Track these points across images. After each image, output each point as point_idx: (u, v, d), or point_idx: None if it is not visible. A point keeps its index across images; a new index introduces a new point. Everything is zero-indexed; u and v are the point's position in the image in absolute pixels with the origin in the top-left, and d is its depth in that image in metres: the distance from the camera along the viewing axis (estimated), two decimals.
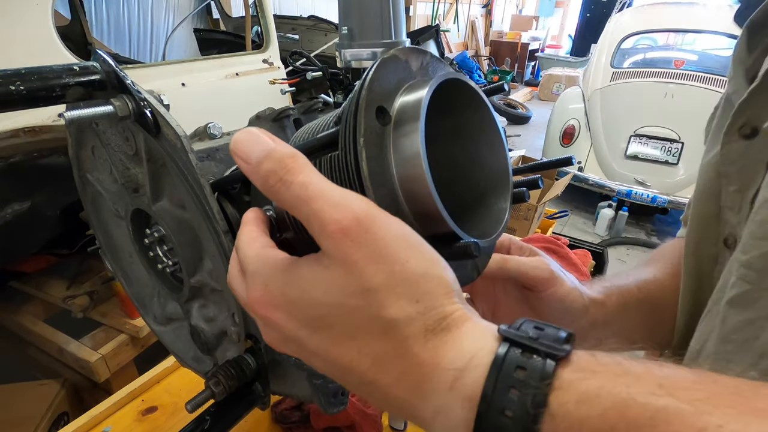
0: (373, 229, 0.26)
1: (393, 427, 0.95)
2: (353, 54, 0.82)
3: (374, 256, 0.26)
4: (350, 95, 0.35)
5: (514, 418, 0.22)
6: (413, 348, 0.26)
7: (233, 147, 0.29)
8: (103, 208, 0.65)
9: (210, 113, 1.70)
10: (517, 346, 0.24)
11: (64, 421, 1.63)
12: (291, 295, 0.28)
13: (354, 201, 0.27)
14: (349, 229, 0.26)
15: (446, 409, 0.25)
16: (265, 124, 0.57)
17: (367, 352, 0.27)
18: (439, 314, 0.26)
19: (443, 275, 0.28)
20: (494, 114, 0.42)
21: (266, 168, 0.28)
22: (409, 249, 0.27)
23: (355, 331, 0.27)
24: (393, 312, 0.26)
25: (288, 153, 0.28)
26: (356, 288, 0.26)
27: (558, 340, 0.24)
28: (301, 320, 0.28)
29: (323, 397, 0.49)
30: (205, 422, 0.53)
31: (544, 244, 1.62)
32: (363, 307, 0.26)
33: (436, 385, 0.25)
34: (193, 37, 4.47)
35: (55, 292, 1.87)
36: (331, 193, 0.27)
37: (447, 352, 0.25)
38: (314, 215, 0.26)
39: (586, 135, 4.37)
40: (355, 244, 0.26)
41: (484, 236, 0.40)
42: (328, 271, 0.27)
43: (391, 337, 0.26)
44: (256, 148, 0.28)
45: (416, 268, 0.26)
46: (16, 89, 0.38)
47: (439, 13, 8.64)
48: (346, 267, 0.26)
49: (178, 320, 0.66)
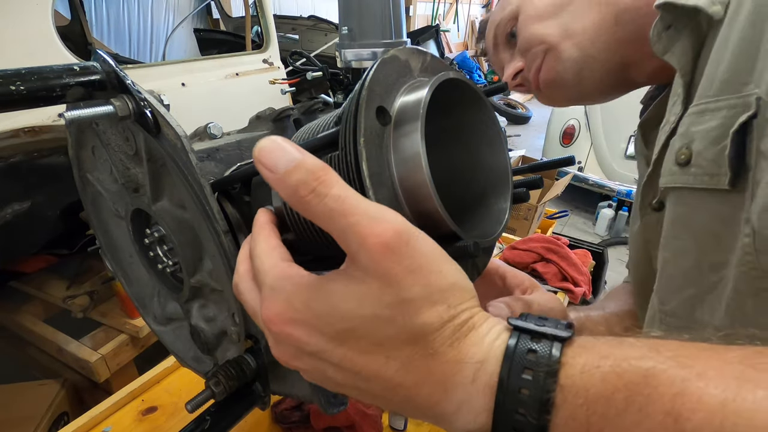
0: (412, 241, 0.27)
1: (393, 427, 0.95)
2: (353, 54, 0.82)
3: (414, 268, 0.27)
4: (350, 95, 0.35)
5: (530, 394, 0.25)
6: (441, 348, 0.27)
7: (257, 154, 0.28)
8: (103, 208, 0.65)
9: (210, 113, 1.69)
10: (526, 333, 0.27)
11: (64, 421, 1.63)
12: (319, 310, 0.29)
13: (390, 214, 0.27)
14: (390, 243, 0.26)
15: (469, 400, 0.27)
16: (265, 124, 0.57)
17: (396, 356, 0.28)
18: (466, 317, 0.28)
19: (467, 283, 0.30)
20: (494, 114, 0.42)
21: (297, 178, 0.27)
22: (443, 260, 0.29)
23: (385, 339, 0.28)
24: (428, 317, 0.27)
25: (319, 164, 0.28)
26: (393, 299, 0.27)
27: (561, 326, 0.27)
28: (326, 334, 0.29)
29: (323, 397, 0.49)
30: (205, 422, 0.53)
31: (544, 244, 1.63)
32: (397, 316, 0.27)
33: (459, 379, 0.27)
34: (193, 37, 4.47)
35: (55, 292, 1.86)
36: (367, 207, 0.27)
37: (469, 349, 0.27)
38: (351, 229, 0.27)
39: (586, 135, 4.37)
40: (397, 256, 0.27)
41: (484, 236, 0.40)
42: (363, 284, 0.27)
43: (421, 340, 0.27)
44: (284, 157, 0.28)
45: (449, 277, 0.28)
46: (16, 89, 0.38)
47: (439, 13, 8.64)
48: (386, 279, 0.27)
49: (178, 320, 0.66)
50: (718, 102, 0.40)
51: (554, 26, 0.62)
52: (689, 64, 0.46)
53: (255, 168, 0.42)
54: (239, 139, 0.54)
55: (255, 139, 0.55)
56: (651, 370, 0.23)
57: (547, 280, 1.55)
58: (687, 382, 0.22)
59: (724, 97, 0.39)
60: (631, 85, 0.64)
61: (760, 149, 0.36)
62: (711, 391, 0.22)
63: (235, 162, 0.52)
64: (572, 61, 0.61)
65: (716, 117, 0.39)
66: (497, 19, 0.70)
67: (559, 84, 0.64)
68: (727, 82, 0.39)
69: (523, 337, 0.27)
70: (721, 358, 0.23)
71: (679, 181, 0.43)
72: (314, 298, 0.29)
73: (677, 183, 0.44)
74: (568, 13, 0.61)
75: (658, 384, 0.23)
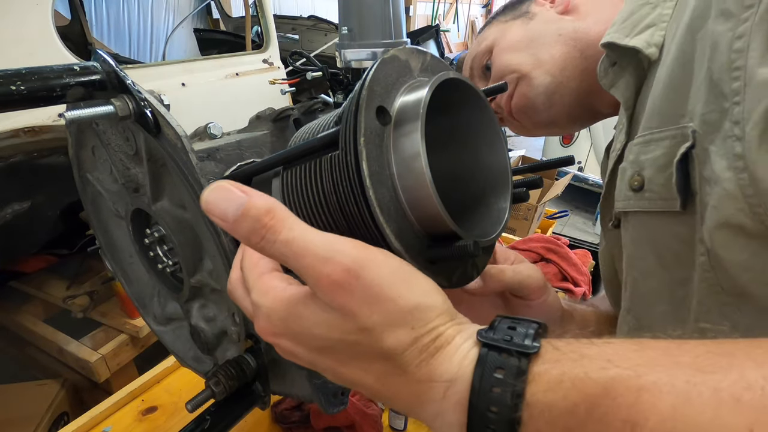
0: (363, 274, 0.28)
1: (393, 427, 0.95)
2: (353, 54, 0.82)
3: (368, 299, 0.28)
4: (350, 95, 0.35)
5: (498, 412, 0.26)
6: (410, 368, 0.29)
7: (205, 208, 0.29)
8: (103, 208, 0.65)
9: (210, 113, 1.70)
10: (494, 350, 0.28)
11: (64, 421, 1.63)
12: (295, 330, 0.31)
13: (340, 251, 0.28)
14: (340, 281, 0.28)
15: (442, 414, 0.29)
16: (265, 124, 0.57)
17: (371, 371, 0.30)
18: (433, 336, 0.29)
19: (433, 301, 0.30)
20: (494, 114, 0.42)
21: (246, 228, 0.29)
22: (401, 284, 0.29)
23: (358, 356, 0.30)
24: (391, 342, 0.28)
25: (263, 209, 0.28)
26: (353, 328, 0.29)
27: (529, 336, 0.28)
28: (307, 348, 0.31)
29: (323, 397, 0.49)
30: (205, 422, 0.53)
31: (544, 244, 1.63)
32: (362, 341, 0.29)
33: (431, 396, 0.29)
34: (193, 37, 4.46)
35: (55, 292, 1.86)
36: (316, 248, 0.28)
37: (438, 368, 0.29)
38: (304, 270, 0.29)
39: (586, 135, 4.36)
40: (348, 292, 0.28)
41: (484, 236, 0.40)
42: (326, 314, 0.29)
43: (389, 361, 0.29)
44: (230, 206, 0.29)
45: (408, 302, 0.29)
46: (17, 89, 0.38)
47: (439, 13, 8.64)
48: (344, 312, 0.29)
49: (178, 320, 0.66)
50: (661, 133, 0.43)
51: (526, 56, 0.68)
52: (632, 98, 0.51)
53: (255, 167, 0.42)
54: (239, 139, 0.54)
55: (255, 139, 0.55)
56: (610, 382, 0.25)
57: (547, 280, 1.55)
58: (642, 390, 0.24)
59: (665, 129, 0.43)
60: (597, 114, 0.69)
61: (702, 176, 0.39)
62: (664, 398, 0.23)
63: (235, 162, 0.52)
64: (544, 87, 0.66)
65: (660, 147, 0.43)
66: (473, 53, 0.76)
67: (531, 109, 0.69)
68: (666, 115, 0.43)
69: (491, 354, 0.28)
70: (674, 362, 0.25)
71: (636, 206, 0.47)
72: (290, 319, 0.31)
73: (634, 207, 0.47)
74: (538, 45, 0.67)
75: (616, 395, 0.24)
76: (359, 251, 0.29)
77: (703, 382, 0.23)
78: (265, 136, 0.56)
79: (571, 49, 0.65)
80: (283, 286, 0.32)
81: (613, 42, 0.50)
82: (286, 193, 0.40)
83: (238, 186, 0.29)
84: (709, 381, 0.23)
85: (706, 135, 0.38)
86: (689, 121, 0.40)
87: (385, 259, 0.30)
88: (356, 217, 0.34)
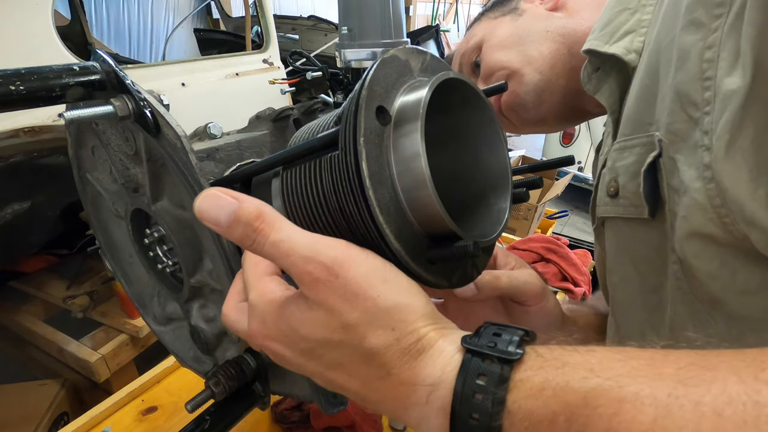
0: (342, 272, 0.30)
1: (393, 427, 0.95)
2: (353, 54, 0.82)
3: (347, 296, 0.30)
4: (350, 95, 0.35)
5: (480, 419, 0.26)
6: (393, 370, 0.30)
7: (199, 216, 0.31)
8: (103, 208, 0.65)
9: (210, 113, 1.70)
10: (477, 356, 0.28)
11: (64, 421, 1.63)
12: (285, 331, 0.32)
13: (322, 250, 0.30)
14: (321, 278, 0.29)
15: (426, 418, 0.29)
16: (265, 124, 0.57)
17: (356, 376, 0.31)
18: (414, 337, 0.30)
19: (414, 302, 0.31)
20: (494, 114, 0.42)
21: (238, 233, 0.30)
22: (380, 284, 0.30)
23: (342, 359, 0.31)
24: (373, 341, 0.29)
25: (253, 214, 0.30)
26: (337, 325, 0.30)
27: (513, 343, 0.28)
28: (295, 350, 0.33)
29: (323, 397, 0.49)
30: (205, 422, 0.53)
31: (544, 244, 1.63)
32: (345, 340, 0.30)
33: (415, 400, 0.29)
34: (193, 37, 4.46)
35: (55, 292, 1.86)
36: (299, 248, 0.30)
37: (422, 371, 0.29)
38: (290, 269, 0.30)
39: (586, 135, 4.36)
40: (329, 288, 0.30)
41: (484, 236, 0.40)
42: (312, 311, 0.31)
43: (373, 363, 0.30)
44: (222, 213, 0.30)
45: (387, 301, 0.30)
46: (16, 89, 0.38)
47: (439, 13, 8.64)
48: (325, 308, 0.30)
49: (178, 320, 0.66)
50: (633, 140, 0.43)
51: (515, 54, 0.67)
52: (616, 103, 0.51)
53: (255, 167, 0.42)
54: (239, 139, 0.54)
55: (255, 139, 0.55)
56: (591, 392, 0.25)
57: (547, 280, 1.55)
58: (623, 402, 0.24)
59: (636, 136, 0.43)
60: (585, 113, 0.69)
61: (670, 185, 0.39)
62: (645, 410, 0.23)
63: (235, 162, 0.52)
64: (533, 84, 0.66)
65: (632, 154, 0.43)
66: (462, 50, 0.76)
67: (520, 107, 0.68)
68: (638, 123, 0.43)
69: (474, 360, 0.28)
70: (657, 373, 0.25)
71: (612, 212, 0.47)
72: (280, 320, 0.32)
73: (610, 213, 0.47)
74: (527, 42, 0.67)
75: (597, 405, 0.24)
76: (340, 250, 0.30)
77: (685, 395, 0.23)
78: (264, 136, 0.56)
79: (560, 47, 0.65)
80: (281, 289, 0.33)
81: (593, 49, 0.50)
82: (286, 193, 0.40)
83: (228, 192, 0.31)
84: (691, 394, 0.23)
85: (672, 144, 0.38)
86: (656, 129, 0.40)
87: (365, 258, 0.31)
88: (356, 218, 0.34)
